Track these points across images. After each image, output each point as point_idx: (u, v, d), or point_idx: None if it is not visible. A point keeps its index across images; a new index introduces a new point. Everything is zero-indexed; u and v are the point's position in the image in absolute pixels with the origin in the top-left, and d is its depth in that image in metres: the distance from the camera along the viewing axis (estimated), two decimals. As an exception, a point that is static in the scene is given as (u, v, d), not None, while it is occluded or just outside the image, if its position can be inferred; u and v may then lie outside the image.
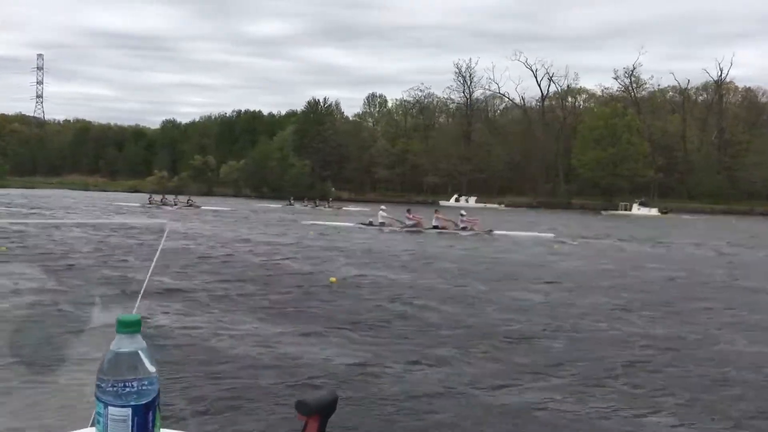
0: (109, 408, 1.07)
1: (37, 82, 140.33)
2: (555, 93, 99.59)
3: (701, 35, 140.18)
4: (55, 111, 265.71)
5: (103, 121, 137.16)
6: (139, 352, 1.09)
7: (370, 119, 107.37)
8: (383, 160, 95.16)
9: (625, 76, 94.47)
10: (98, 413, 1.08)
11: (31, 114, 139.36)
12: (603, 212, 69.45)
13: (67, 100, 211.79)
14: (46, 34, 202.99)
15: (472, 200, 78.61)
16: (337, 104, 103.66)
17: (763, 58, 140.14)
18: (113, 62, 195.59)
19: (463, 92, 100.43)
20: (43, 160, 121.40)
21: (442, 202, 72.11)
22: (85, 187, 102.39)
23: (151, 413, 1.09)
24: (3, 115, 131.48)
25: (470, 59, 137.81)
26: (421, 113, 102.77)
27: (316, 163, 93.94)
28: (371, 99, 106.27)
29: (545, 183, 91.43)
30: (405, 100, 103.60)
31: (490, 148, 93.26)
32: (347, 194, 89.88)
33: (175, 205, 48.60)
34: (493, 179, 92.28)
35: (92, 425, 1.11)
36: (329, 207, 56.95)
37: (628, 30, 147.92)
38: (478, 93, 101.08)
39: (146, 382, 1.09)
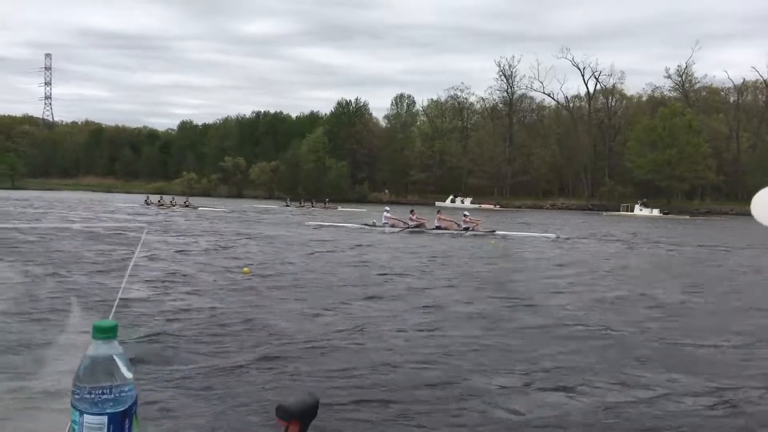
0: (85, 416, 1.11)
1: (45, 83, 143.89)
2: (599, 92, 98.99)
3: (694, 35, 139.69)
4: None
5: (97, 122, 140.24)
6: (115, 357, 1.12)
7: (396, 120, 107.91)
8: (418, 162, 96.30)
9: (677, 75, 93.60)
10: (74, 422, 1.12)
11: (32, 114, 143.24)
12: (604, 213, 70.10)
13: (60, 101, 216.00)
14: (36, 34, 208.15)
15: (467, 201, 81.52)
16: (366, 105, 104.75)
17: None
18: (105, 62, 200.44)
19: (506, 92, 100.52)
20: (55, 162, 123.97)
21: (438, 203, 74.50)
22: (107, 190, 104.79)
23: (127, 421, 1.13)
24: (11, 116, 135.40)
25: (513, 57, 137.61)
26: (460, 114, 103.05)
27: (349, 165, 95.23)
28: (399, 100, 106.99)
29: (601, 187, 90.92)
30: (439, 101, 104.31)
31: (532, 150, 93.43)
32: (386, 196, 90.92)
33: (173, 206, 50.06)
34: (536, 181, 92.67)
35: (67, 434, 1.14)
36: (326, 207, 57.45)
37: (626, 30, 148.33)
38: (520, 92, 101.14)
39: (123, 389, 1.12)
